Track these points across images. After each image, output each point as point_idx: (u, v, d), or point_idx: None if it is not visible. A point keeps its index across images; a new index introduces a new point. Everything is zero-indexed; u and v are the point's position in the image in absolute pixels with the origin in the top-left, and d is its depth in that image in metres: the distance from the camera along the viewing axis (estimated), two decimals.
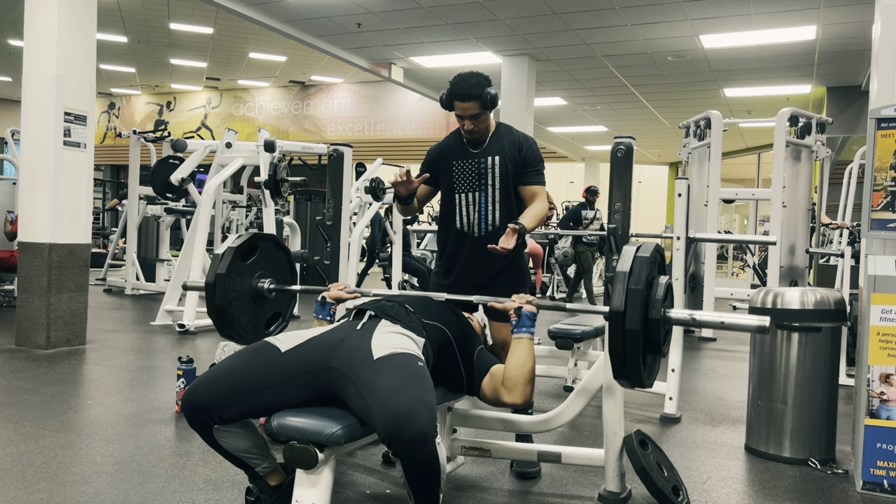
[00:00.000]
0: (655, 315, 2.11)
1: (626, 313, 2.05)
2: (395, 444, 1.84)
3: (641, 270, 2.09)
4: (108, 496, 2.54)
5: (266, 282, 2.77)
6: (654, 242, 2.25)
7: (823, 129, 7.25)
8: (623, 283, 2.08)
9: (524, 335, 2.37)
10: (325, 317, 2.63)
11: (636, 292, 2.06)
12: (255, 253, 2.73)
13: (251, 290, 2.73)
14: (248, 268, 2.71)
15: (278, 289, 2.80)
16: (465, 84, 2.81)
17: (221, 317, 2.62)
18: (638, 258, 2.12)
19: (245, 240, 2.68)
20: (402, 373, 1.98)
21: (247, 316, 2.72)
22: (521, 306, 2.39)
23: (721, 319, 2.16)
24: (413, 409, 1.84)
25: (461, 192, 2.98)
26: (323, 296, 2.65)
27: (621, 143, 2.49)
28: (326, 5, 8.09)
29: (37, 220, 5.36)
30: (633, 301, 2.05)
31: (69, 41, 5.39)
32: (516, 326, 2.38)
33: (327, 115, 18.65)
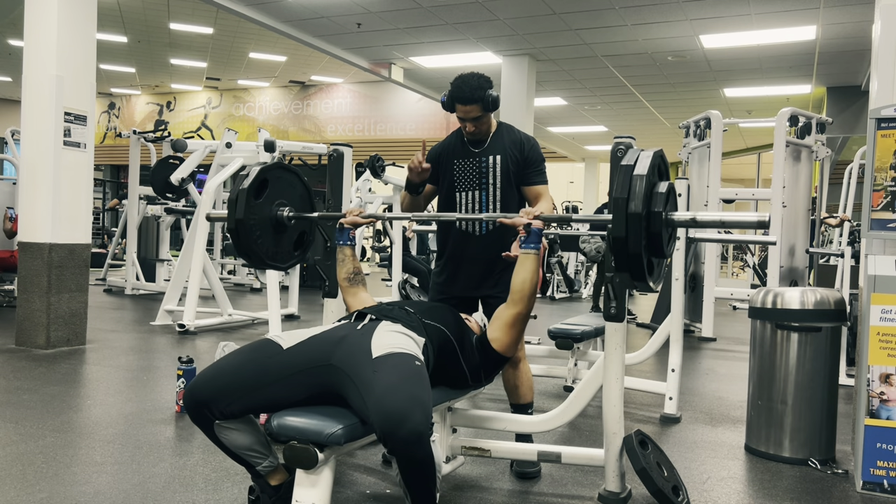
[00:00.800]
0: (657, 208, 2.23)
1: (630, 199, 2.18)
2: (390, 443, 1.85)
3: (645, 164, 2.22)
4: (108, 496, 2.54)
5: (285, 210, 2.86)
6: (657, 148, 2.39)
7: (823, 129, 7.25)
8: (628, 173, 2.21)
9: (531, 251, 2.51)
10: (346, 241, 2.79)
11: (640, 178, 2.19)
12: (267, 186, 2.80)
13: (272, 220, 2.84)
14: (264, 202, 2.80)
15: (298, 216, 2.89)
16: (467, 87, 2.82)
17: (252, 257, 2.79)
18: (643, 155, 2.27)
19: (255, 176, 2.74)
20: (398, 371, 1.99)
21: (273, 245, 2.85)
22: (531, 222, 2.51)
23: (721, 218, 2.34)
24: (408, 408, 1.85)
25: (461, 191, 2.98)
26: (341, 222, 2.78)
27: (621, 143, 2.49)
28: (326, 5, 8.09)
29: (37, 220, 5.36)
30: (636, 187, 2.18)
31: (69, 41, 5.39)
32: (524, 242, 2.52)
33: (327, 115, 18.66)
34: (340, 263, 2.79)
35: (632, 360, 4.37)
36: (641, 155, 2.28)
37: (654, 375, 5.10)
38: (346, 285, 2.76)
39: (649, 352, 4.31)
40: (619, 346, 2.48)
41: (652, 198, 2.24)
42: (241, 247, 2.78)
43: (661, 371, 4.98)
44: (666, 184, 2.31)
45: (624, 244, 2.20)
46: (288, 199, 2.90)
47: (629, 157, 2.29)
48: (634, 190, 2.19)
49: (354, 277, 2.76)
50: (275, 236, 2.86)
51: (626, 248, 2.20)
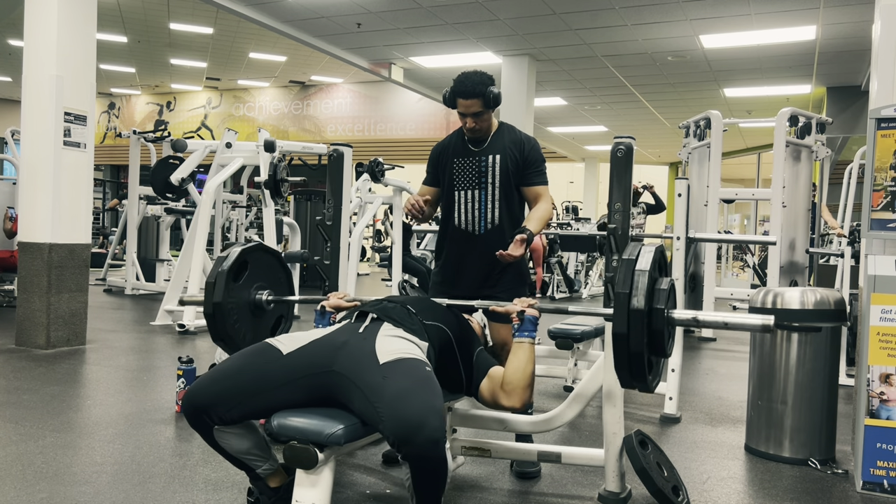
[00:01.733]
0: (658, 325, 2.11)
1: (632, 295, 2.08)
2: (406, 449, 1.85)
3: (647, 260, 2.13)
4: (108, 496, 2.54)
5: (264, 293, 2.78)
6: (657, 245, 2.28)
7: (823, 129, 7.25)
8: (630, 268, 2.12)
9: (525, 339, 2.35)
10: (325, 325, 2.60)
11: (643, 273, 2.10)
12: (247, 268, 2.73)
13: (250, 304, 2.75)
14: (243, 284, 2.72)
15: (277, 300, 2.81)
16: (469, 82, 2.82)
17: (228, 343, 2.66)
18: (644, 250, 2.16)
19: (234, 258, 2.66)
20: (410, 378, 1.98)
21: (250, 330, 2.74)
22: (524, 310, 2.38)
23: (724, 320, 2.16)
24: (424, 415, 1.85)
25: (461, 190, 2.98)
26: (322, 305, 2.65)
27: (621, 143, 2.49)
28: (326, 5, 8.09)
29: (37, 220, 5.36)
30: (635, 321, 2.07)
31: (69, 41, 5.39)
32: (518, 330, 2.37)
33: (327, 115, 18.66)
34: None
35: None
36: (643, 250, 2.19)
37: None
38: None
39: None
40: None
41: (654, 294, 2.14)
42: (217, 332, 2.65)
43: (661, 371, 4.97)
44: (668, 281, 2.21)
45: (626, 342, 2.10)
46: (267, 281, 2.82)
47: (630, 250, 2.20)
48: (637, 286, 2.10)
49: None
50: (252, 320, 2.77)
51: (627, 347, 2.11)
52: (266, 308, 2.79)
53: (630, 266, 2.14)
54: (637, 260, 2.16)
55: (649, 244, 2.25)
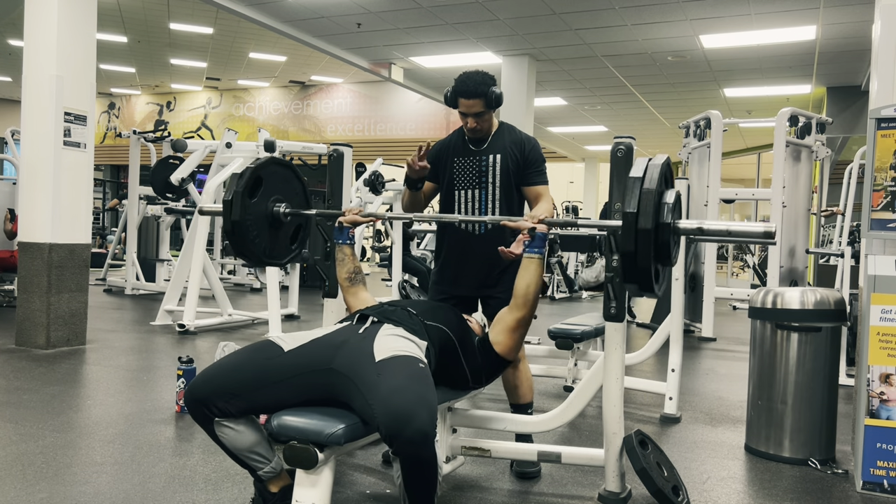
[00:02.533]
0: (665, 219, 2.22)
1: (640, 213, 2.17)
2: (396, 443, 1.85)
3: (654, 175, 2.21)
4: (108, 496, 2.54)
5: (281, 206, 2.85)
6: (664, 155, 2.36)
7: (823, 129, 7.25)
8: (637, 186, 2.20)
9: (536, 255, 2.51)
10: (345, 240, 2.76)
11: (649, 193, 2.18)
12: (262, 183, 2.79)
13: (268, 217, 2.82)
14: (259, 200, 2.78)
15: (293, 213, 2.88)
16: (471, 81, 2.82)
17: (250, 256, 2.79)
18: (651, 165, 2.24)
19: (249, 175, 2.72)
20: (403, 373, 1.99)
21: (269, 243, 2.85)
22: (535, 226, 2.50)
23: (727, 228, 2.32)
24: (414, 408, 1.86)
25: (461, 189, 2.98)
26: (339, 220, 2.76)
27: (621, 143, 2.49)
28: (326, 5, 8.09)
29: (37, 220, 5.36)
30: (646, 201, 2.17)
31: (69, 41, 5.39)
32: (529, 246, 2.51)
33: (327, 115, 18.66)
34: (340, 263, 2.78)
35: (632, 360, 4.37)
36: (650, 165, 2.26)
37: (654, 375, 5.11)
38: (346, 285, 2.76)
39: (649, 352, 4.31)
40: (619, 346, 2.48)
41: (660, 209, 2.24)
42: (238, 247, 2.78)
43: (661, 371, 4.98)
44: (674, 192, 2.30)
45: (633, 259, 2.21)
46: (283, 194, 2.89)
47: (637, 167, 2.27)
48: (644, 205, 2.18)
49: (355, 277, 2.76)
50: (271, 232, 2.85)
51: (635, 263, 2.21)
52: (284, 220, 2.86)
53: (637, 184, 2.22)
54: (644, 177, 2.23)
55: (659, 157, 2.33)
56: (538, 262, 2.50)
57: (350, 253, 2.79)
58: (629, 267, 2.24)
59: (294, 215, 2.89)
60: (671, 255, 2.30)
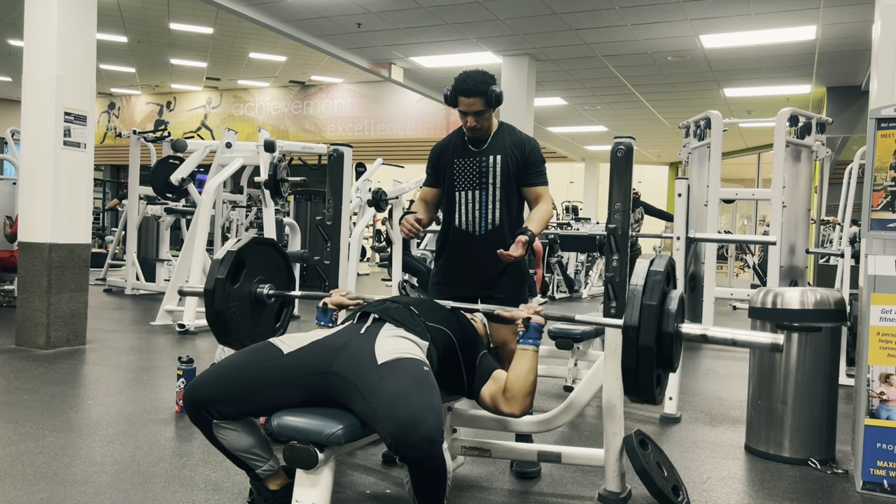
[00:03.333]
0: (668, 329, 2.10)
1: (641, 329, 2.06)
2: (403, 449, 1.84)
3: (655, 285, 2.10)
4: (108, 496, 2.54)
5: (265, 287, 2.78)
6: (666, 255, 2.26)
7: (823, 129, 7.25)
8: (637, 299, 2.08)
9: (530, 347, 2.32)
10: (327, 323, 2.61)
11: (651, 308, 2.06)
12: (244, 266, 2.72)
13: (251, 299, 2.74)
14: (242, 283, 2.71)
15: (277, 294, 2.80)
16: (471, 80, 2.81)
17: (233, 343, 2.66)
18: (652, 272, 2.12)
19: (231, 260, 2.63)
20: (407, 377, 1.98)
21: (253, 325, 2.74)
22: (530, 317, 2.35)
23: (733, 337, 2.14)
24: (420, 415, 1.85)
25: (461, 190, 2.98)
26: (324, 302, 2.65)
27: (621, 143, 2.49)
28: (326, 5, 8.09)
29: (37, 220, 5.36)
30: (647, 317, 2.06)
31: (69, 41, 5.39)
32: (523, 337, 2.34)
33: (327, 115, 18.65)
34: None
35: None
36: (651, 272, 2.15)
37: None
38: None
39: None
40: (619, 346, 2.47)
41: (663, 320, 2.12)
42: (221, 336, 2.67)
43: None
44: (677, 295, 2.18)
45: (636, 374, 2.11)
46: (266, 273, 2.81)
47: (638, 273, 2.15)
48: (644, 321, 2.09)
49: None
50: (254, 315, 2.77)
51: (637, 378, 2.12)
52: (267, 302, 2.79)
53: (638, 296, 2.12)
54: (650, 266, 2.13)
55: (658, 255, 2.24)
56: (532, 354, 2.31)
57: None
58: (630, 380, 2.14)
59: (278, 296, 2.81)
60: (674, 362, 2.19)
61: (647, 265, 2.16)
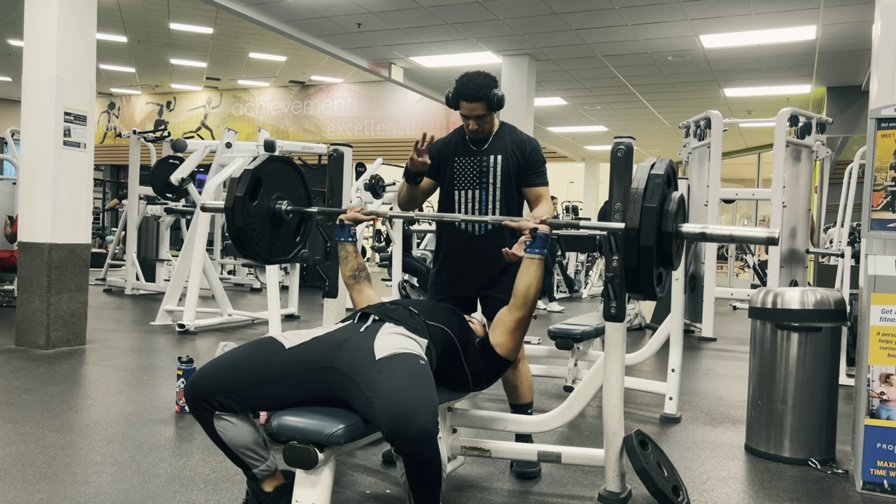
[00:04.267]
0: (668, 228, 2.23)
1: (641, 230, 2.18)
2: (399, 441, 1.86)
3: (655, 187, 2.21)
4: (108, 496, 2.54)
5: (283, 203, 2.83)
6: (667, 159, 2.34)
7: (823, 129, 7.25)
8: (638, 201, 2.20)
9: (536, 255, 2.50)
10: (347, 238, 2.75)
11: (651, 210, 2.18)
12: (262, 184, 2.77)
13: (270, 215, 2.81)
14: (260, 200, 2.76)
15: (295, 210, 2.86)
16: (473, 84, 2.81)
17: (256, 257, 2.79)
18: (652, 175, 2.23)
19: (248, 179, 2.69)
20: (404, 371, 1.99)
21: (273, 240, 2.83)
22: (537, 227, 2.50)
23: (730, 233, 2.33)
24: (416, 407, 1.86)
25: (461, 189, 2.98)
26: (341, 218, 2.75)
27: (621, 143, 2.48)
28: (326, 5, 8.09)
29: (37, 220, 5.36)
30: (647, 218, 2.18)
31: (69, 41, 5.39)
32: (529, 247, 2.50)
33: (327, 115, 18.65)
34: (343, 261, 2.78)
35: (632, 360, 4.37)
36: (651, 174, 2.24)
37: (654, 375, 5.10)
38: (351, 283, 2.76)
39: (649, 352, 4.31)
40: (619, 346, 2.47)
41: (662, 219, 2.23)
42: (244, 250, 2.80)
43: (661, 371, 4.98)
44: (677, 196, 2.29)
45: (636, 273, 2.22)
46: (284, 190, 2.87)
47: (639, 177, 2.26)
48: (644, 222, 2.19)
49: (359, 274, 2.76)
50: (273, 230, 2.84)
51: (637, 276, 2.22)
52: (285, 217, 2.85)
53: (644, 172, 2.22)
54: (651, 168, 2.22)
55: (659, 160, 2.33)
56: (539, 262, 2.50)
57: (353, 250, 2.78)
58: (632, 279, 2.24)
59: (296, 212, 2.89)
60: (674, 260, 2.31)
61: (647, 167, 2.27)
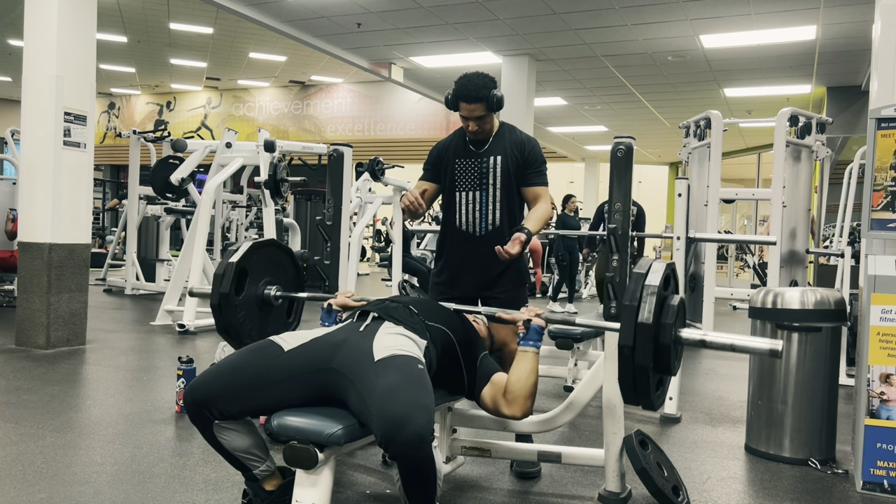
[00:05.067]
0: (666, 340, 2.07)
1: (636, 349, 2.03)
2: (392, 446, 1.84)
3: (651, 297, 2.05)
4: (108, 496, 2.54)
5: (272, 289, 2.78)
6: (666, 262, 2.22)
7: (823, 129, 7.25)
8: (632, 315, 2.05)
9: (530, 349, 2.33)
10: (331, 324, 2.61)
11: (645, 326, 2.03)
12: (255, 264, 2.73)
13: (258, 300, 2.75)
14: (251, 281, 2.72)
15: (284, 296, 2.81)
16: (472, 86, 2.80)
17: (232, 336, 2.67)
18: (646, 286, 2.08)
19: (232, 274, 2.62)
20: (400, 375, 1.98)
21: (257, 325, 2.75)
22: (531, 319, 2.36)
23: (731, 342, 2.14)
24: (410, 411, 1.84)
25: (462, 191, 2.98)
26: (329, 303, 2.66)
27: (621, 143, 2.49)
28: (326, 5, 8.09)
29: (37, 220, 5.36)
30: (642, 335, 2.03)
31: (69, 41, 5.39)
32: (523, 339, 2.35)
33: (327, 115, 18.65)
34: None
35: None
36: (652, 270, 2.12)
37: None
38: None
39: None
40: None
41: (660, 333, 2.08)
42: (234, 345, 2.72)
43: None
44: (676, 303, 2.15)
45: (633, 389, 2.09)
46: (271, 274, 2.82)
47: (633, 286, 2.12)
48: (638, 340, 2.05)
49: None
50: (264, 316, 2.78)
51: (634, 392, 2.10)
52: (274, 303, 2.80)
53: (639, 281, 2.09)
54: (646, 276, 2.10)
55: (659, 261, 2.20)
56: (533, 356, 2.31)
57: None
58: (628, 393, 2.11)
59: (285, 298, 2.82)
60: (672, 367, 2.15)
61: (644, 272, 2.12)
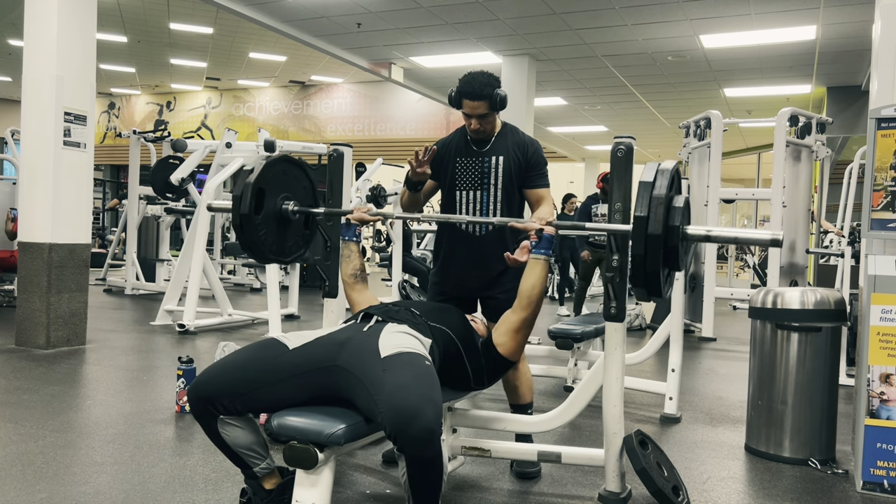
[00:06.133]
0: (675, 222, 2.25)
1: (650, 218, 2.20)
2: (401, 440, 1.86)
3: (663, 181, 2.25)
4: (108, 496, 2.54)
5: (290, 204, 2.81)
6: (673, 161, 2.39)
7: (823, 129, 7.25)
8: (647, 191, 2.23)
9: (542, 256, 2.51)
10: (352, 237, 2.78)
11: (659, 198, 2.22)
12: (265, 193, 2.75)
13: (276, 215, 2.79)
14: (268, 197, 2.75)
15: (302, 211, 2.85)
16: (476, 83, 2.81)
17: (255, 251, 2.76)
18: (661, 171, 2.28)
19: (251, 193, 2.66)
20: (409, 370, 1.99)
21: (277, 240, 2.81)
22: (543, 228, 2.50)
23: (734, 235, 2.35)
24: (420, 406, 1.86)
25: (462, 190, 2.98)
26: (348, 218, 2.76)
27: (621, 143, 2.48)
28: (326, 5, 8.09)
29: (37, 220, 5.36)
30: (656, 208, 2.21)
31: (69, 41, 5.39)
32: (535, 247, 2.51)
33: (327, 115, 18.65)
34: (346, 259, 2.78)
35: (632, 360, 4.37)
36: (659, 170, 2.29)
37: (654, 375, 5.10)
38: (350, 282, 2.76)
39: (649, 352, 4.31)
40: (619, 346, 2.48)
41: (670, 214, 2.26)
42: (258, 259, 2.82)
43: (661, 371, 4.98)
44: (682, 198, 2.32)
45: (643, 263, 2.23)
46: (288, 189, 2.84)
47: (648, 172, 2.30)
48: (654, 212, 2.23)
49: (360, 275, 2.77)
50: (283, 230, 2.83)
51: (644, 268, 2.24)
52: (292, 218, 2.83)
53: (647, 189, 2.26)
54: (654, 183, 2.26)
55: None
56: (544, 263, 2.51)
57: (356, 250, 2.79)
58: (638, 271, 2.25)
59: (302, 213, 2.87)
60: (680, 260, 2.32)
61: (655, 165, 2.31)
